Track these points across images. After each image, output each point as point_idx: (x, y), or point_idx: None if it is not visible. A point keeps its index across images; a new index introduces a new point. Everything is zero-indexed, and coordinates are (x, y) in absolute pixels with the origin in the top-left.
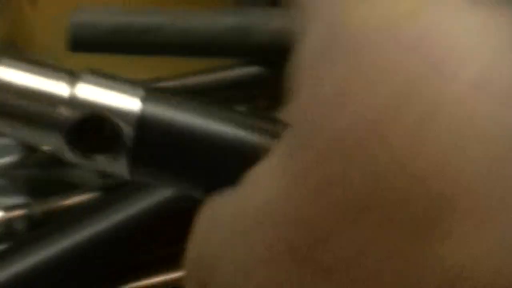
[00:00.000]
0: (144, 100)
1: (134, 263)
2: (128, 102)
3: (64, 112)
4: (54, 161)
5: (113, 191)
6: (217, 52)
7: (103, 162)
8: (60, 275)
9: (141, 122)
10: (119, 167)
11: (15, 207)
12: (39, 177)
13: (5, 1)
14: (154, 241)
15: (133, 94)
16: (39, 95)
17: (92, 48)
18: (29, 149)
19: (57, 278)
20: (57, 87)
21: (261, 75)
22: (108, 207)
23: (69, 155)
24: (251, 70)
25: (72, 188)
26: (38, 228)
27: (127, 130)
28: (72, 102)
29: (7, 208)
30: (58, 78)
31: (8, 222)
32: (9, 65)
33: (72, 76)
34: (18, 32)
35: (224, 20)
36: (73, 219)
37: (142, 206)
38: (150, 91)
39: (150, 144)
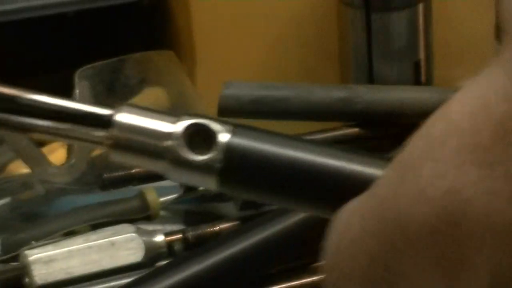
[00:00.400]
0: (232, 132)
1: (264, 276)
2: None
3: (169, 143)
4: (204, 198)
5: (249, 221)
6: (329, 117)
7: (196, 179)
8: (210, 285)
9: (229, 148)
10: (211, 183)
11: (174, 232)
12: (193, 209)
13: (172, 79)
14: (284, 255)
15: (223, 129)
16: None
17: (236, 114)
18: (187, 189)
19: (207, 287)
20: (164, 126)
21: (362, 135)
22: (246, 232)
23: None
24: (354, 131)
25: (218, 218)
26: (192, 249)
27: (218, 155)
28: (174, 137)
29: (168, 233)
30: (164, 119)
31: (169, 244)
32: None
33: (175, 117)
34: (181, 102)
35: (334, 93)
36: (219, 241)
37: (272, 230)
38: (238, 126)
39: (235, 167)
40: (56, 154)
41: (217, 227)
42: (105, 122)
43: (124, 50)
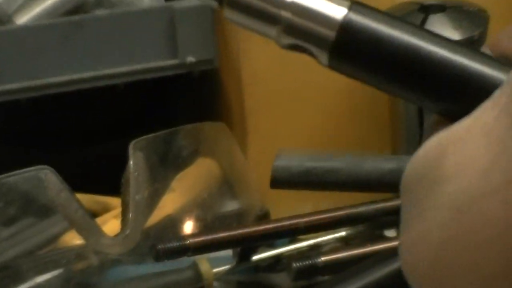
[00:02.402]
0: (349, 7)
1: None
2: (335, 9)
3: (284, 12)
4: (257, 268)
5: None
6: (380, 188)
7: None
8: None
9: (343, 24)
10: (320, 56)
11: None
12: (247, 280)
13: (224, 149)
14: None
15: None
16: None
17: (288, 185)
18: (240, 260)
19: None
20: None
21: None
22: None
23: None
24: None
25: None
26: None
27: (331, 31)
28: (292, 6)
29: None
30: None
31: None
32: None
33: None
34: (233, 172)
35: (385, 164)
36: None
37: None
38: (356, 3)
39: (346, 43)
40: (110, 224)
41: None
42: None
43: (176, 121)
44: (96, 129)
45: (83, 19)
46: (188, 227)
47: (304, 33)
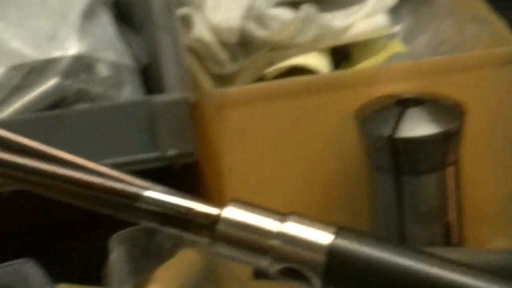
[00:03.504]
0: (336, 234)
1: None
2: (322, 236)
3: (274, 242)
4: None
5: None
6: None
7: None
8: None
9: (331, 251)
10: (314, 282)
11: None
12: None
13: None
14: None
15: (327, 230)
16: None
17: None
18: None
19: None
20: (270, 224)
21: None
22: None
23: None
24: None
25: None
26: None
27: (321, 258)
28: (280, 236)
29: None
30: (271, 217)
31: None
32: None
33: (282, 217)
34: (215, 264)
35: None
36: None
37: None
38: (342, 229)
39: (338, 270)
40: None
41: None
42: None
43: None
44: (79, 220)
45: (63, 113)
46: None
47: (294, 260)
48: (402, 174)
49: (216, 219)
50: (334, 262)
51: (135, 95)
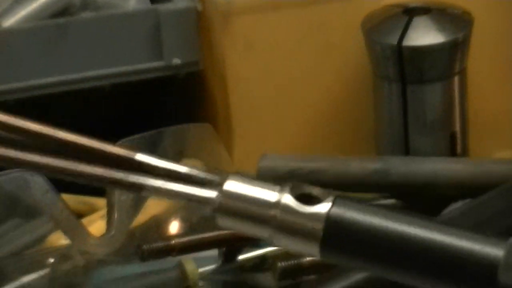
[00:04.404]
0: (333, 201)
1: None
2: (319, 206)
3: (273, 212)
4: (243, 268)
5: None
6: (364, 189)
7: (299, 246)
8: None
9: (329, 219)
10: (314, 252)
11: None
12: (232, 280)
13: (209, 151)
14: None
15: (325, 200)
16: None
17: None
18: (225, 260)
19: None
20: (271, 195)
21: (397, 207)
22: None
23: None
24: (389, 202)
25: None
26: None
27: (318, 226)
28: (279, 206)
29: None
30: (271, 189)
31: None
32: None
33: (281, 187)
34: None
35: (369, 165)
36: None
37: None
38: (339, 197)
39: (336, 237)
40: (96, 225)
41: None
42: (214, 187)
43: (161, 123)
44: (82, 131)
45: (69, 21)
46: (174, 228)
47: (294, 230)
48: (408, 83)
49: (215, 198)
50: (332, 230)
51: (141, 4)
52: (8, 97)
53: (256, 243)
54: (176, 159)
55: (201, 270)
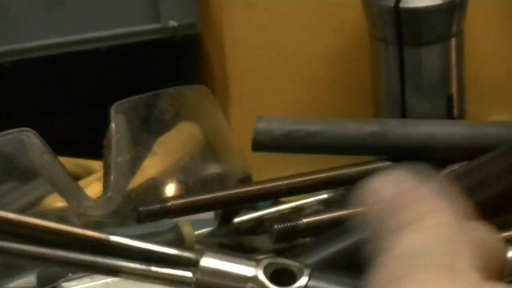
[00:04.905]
0: (310, 275)
1: None
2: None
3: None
4: (239, 231)
5: (283, 254)
6: (361, 151)
7: None
8: None
9: None
10: None
11: None
12: (228, 243)
13: (206, 113)
14: None
15: (302, 274)
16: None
17: (269, 148)
18: (221, 222)
19: None
20: (246, 270)
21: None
22: None
23: None
24: (386, 165)
25: (253, 251)
26: None
27: None
28: (256, 280)
29: None
30: (247, 264)
31: None
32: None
33: (256, 263)
34: (215, 136)
35: (366, 127)
36: None
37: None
38: (315, 270)
39: None
40: (92, 187)
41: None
42: (191, 265)
43: (158, 85)
44: (79, 93)
45: None
46: (170, 190)
47: None
48: (405, 45)
49: (192, 277)
50: None
51: None
52: (4, 59)
53: (253, 205)
54: (173, 121)
55: (197, 232)
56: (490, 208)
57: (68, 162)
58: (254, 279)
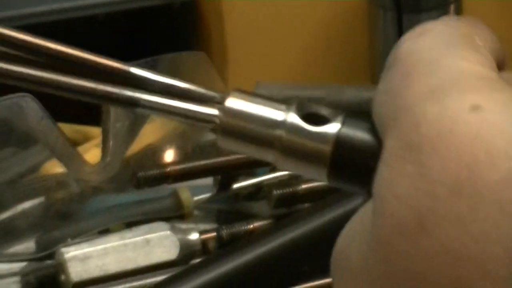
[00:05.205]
0: (342, 122)
1: (297, 272)
2: (328, 126)
3: (278, 132)
4: (238, 196)
5: (282, 219)
6: None
7: (306, 170)
8: (243, 282)
9: (338, 140)
10: (322, 175)
11: (209, 231)
12: (227, 209)
13: (203, 79)
14: (317, 253)
15: (334, 120)
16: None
17: None
18: (220, 188)
19: (240, 283)
20: (276, 114)
21: None
22: (278, 231)
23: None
24: None
25: (251, 217)
26: (225, 247)
27: (327, 148)
28: (284, 126)
29: (202, 232)
30: (276, 107)
31: (203, 242)
32: (238, 97)
33: (285, 107)
34: None
35: (364, 93)
36: (252, 240)
37: (305, 229)
38: (348, 116)
39: (344, 159)
40: (91, 153)
41: (251, 226)
42: (215, 104)
43: (156, 51)
44: None
45: None
46: (169, 156)
47: (300, 152)
48: (403, 12)
49: (217, 115)
50: (341, 153)
51: None
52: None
53: (252, 171)
54: None
55: (196, 198)
56: None
57: (67, 128)
58: (284, 123)
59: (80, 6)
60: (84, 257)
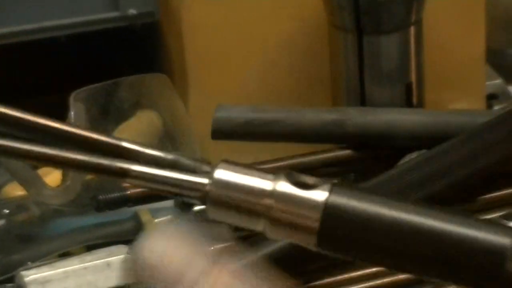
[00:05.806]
0: (330, 191)
1: None
2: (316, 194)
3: (267, 202)
4: (199, 219)
5: (244, 241)
6: (320, 139)
7: (295, 237)
8: None
9: (327, 209)
10: (309, 242)
11: None
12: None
13: (165, 102)
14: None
15: (321, 188)
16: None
17: (229, 137)
18: (181, 210)
19: None
20: (265, 184)
21: (353, 158)
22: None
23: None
24: (345, 153)
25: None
26: None
27: (316, 215)
28: (273, 195)
29: None
30: (264, 177)
31: None
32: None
33: (273, 176)
34: (174, 124)
35: (325, 116)
36: None
37: (266, 252)
38: (336, 185)
39: (333, 227)
40: (51, 176)
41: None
42: (204, 177)
43: (117, 74)
44: (38, 81)
45: None
46: None
47: (290, 220)
48: (364, 34)
49: (207, 184)
50: (330, 220)
51: None
52: None
53: None
54: (132, 109)
55: (157, 220)
56: (449, 196)
57: None
58: (273, 192)
59: (41, 28)
60: (44, 280)
